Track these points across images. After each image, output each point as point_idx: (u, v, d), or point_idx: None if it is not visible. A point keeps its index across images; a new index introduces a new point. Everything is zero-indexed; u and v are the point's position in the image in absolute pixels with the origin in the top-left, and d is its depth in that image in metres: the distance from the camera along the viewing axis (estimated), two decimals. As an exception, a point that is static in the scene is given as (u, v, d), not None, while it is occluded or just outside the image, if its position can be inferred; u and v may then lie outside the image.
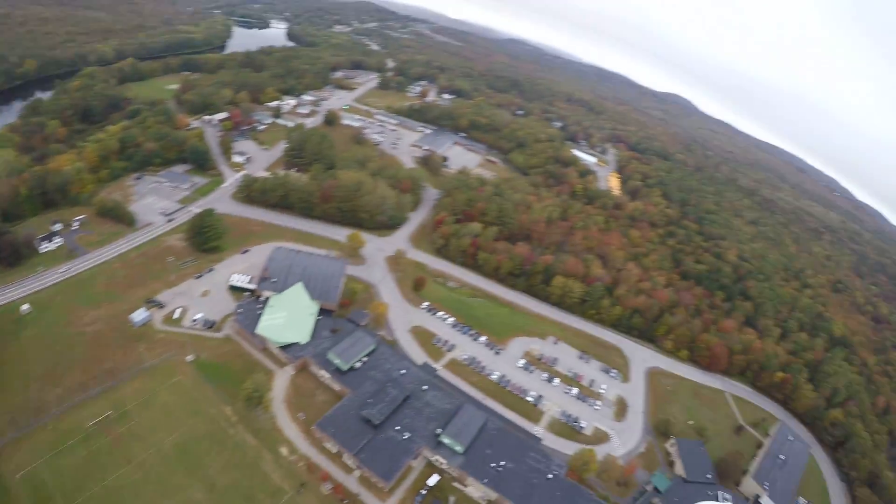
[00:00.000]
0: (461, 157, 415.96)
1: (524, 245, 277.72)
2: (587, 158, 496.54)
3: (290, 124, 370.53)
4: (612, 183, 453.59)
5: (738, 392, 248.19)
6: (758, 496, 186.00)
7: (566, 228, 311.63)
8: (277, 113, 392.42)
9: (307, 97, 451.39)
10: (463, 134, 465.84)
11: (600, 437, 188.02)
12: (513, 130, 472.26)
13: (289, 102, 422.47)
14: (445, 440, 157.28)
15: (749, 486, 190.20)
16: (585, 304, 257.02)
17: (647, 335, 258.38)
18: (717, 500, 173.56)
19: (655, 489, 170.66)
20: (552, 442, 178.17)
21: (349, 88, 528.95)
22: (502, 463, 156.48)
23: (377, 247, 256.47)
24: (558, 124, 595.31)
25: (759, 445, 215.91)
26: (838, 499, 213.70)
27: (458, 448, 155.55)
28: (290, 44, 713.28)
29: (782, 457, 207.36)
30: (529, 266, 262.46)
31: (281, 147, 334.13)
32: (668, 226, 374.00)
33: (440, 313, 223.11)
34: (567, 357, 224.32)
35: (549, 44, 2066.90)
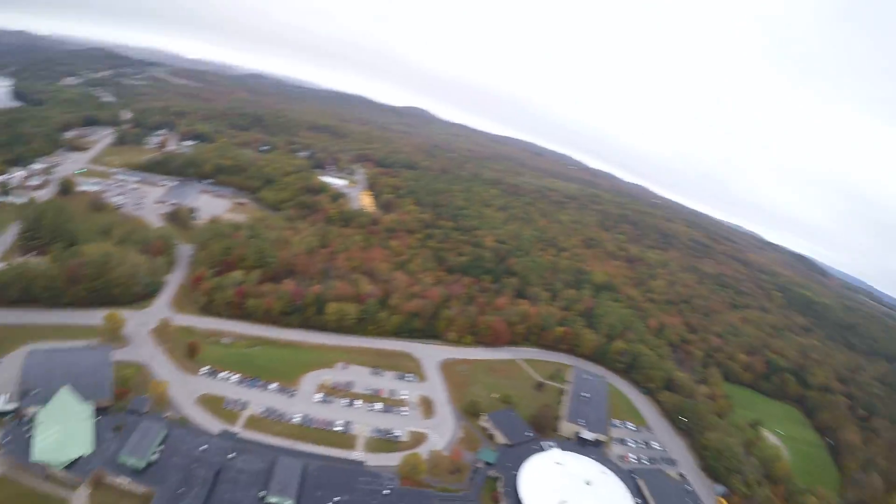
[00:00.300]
0: (210, 204, 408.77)
1: (290, 281, 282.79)
2: (337, 182, 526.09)
3: (21, 200, 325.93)
4: (365, 201, 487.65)
5: (529, 356, 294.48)
6: (578, 433, 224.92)
7: (328, 255, 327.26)
8: (5, 189, 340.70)
9: (37, 165, 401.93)
10: (209, 180, 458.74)
11: (419, 439, 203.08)
12: (259, 168, 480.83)
13: (18, 174, 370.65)
14: (273, 500, 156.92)
15: (567, 428, 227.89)
16: (364, 322, 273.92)
17: (430, 333, 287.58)
18: (542, 450, 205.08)
19: (486, 463, 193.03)
20: (375, 460, 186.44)
21: (83, 149, 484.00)
22: (336, 498, 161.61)
23: (139, 321, 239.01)
24: (305, 154, 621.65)
25: (563, 392, 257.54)
26: (645, 408, 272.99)
27: (289, 502, 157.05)
28: (17, 103, 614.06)
29: (586, 394, 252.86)
30: (300, 300, 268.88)
31: (14, 230, 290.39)
32: (425, 229, 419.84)
33: (222, 374, 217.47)
34: (361, 377, 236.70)
35: (289, 74, 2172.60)
